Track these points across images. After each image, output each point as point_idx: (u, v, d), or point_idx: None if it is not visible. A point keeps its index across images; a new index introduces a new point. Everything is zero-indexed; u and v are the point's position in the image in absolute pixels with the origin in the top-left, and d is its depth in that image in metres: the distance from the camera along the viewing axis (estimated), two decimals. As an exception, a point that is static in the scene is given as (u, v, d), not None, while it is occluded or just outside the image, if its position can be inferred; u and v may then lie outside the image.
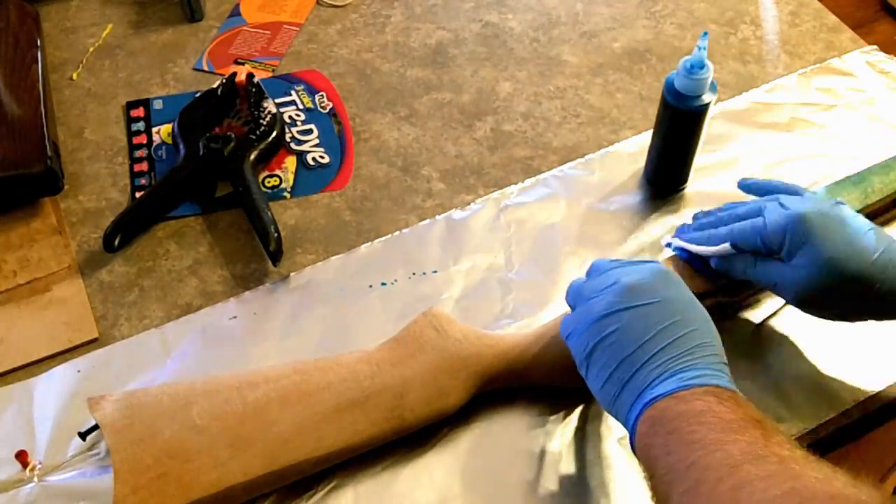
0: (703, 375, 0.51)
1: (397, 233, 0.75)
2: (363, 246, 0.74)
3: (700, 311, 0.55)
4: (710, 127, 0.82)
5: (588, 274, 0.61)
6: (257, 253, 0.74)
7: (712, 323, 0.54)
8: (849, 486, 0.43)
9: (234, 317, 0.69)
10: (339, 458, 0.60)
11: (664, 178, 0.77)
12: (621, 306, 0.54)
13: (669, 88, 0.70)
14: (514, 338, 0.63)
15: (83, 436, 0.61)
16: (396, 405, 0.60)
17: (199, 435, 0.58)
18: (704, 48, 0.66)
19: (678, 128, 0.72)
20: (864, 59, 0.88)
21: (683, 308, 0.54)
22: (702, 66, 0.67)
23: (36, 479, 0.61)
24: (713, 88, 0.69)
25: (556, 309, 0.69)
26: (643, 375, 0.52)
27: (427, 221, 0.75)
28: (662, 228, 0.74)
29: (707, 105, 0.69)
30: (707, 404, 0.49)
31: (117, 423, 0.59)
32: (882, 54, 0.88)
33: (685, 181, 0.77)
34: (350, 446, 0.59)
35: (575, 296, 0.59)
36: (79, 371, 0.66)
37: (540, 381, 0.63)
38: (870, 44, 0.90)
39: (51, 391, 0.65)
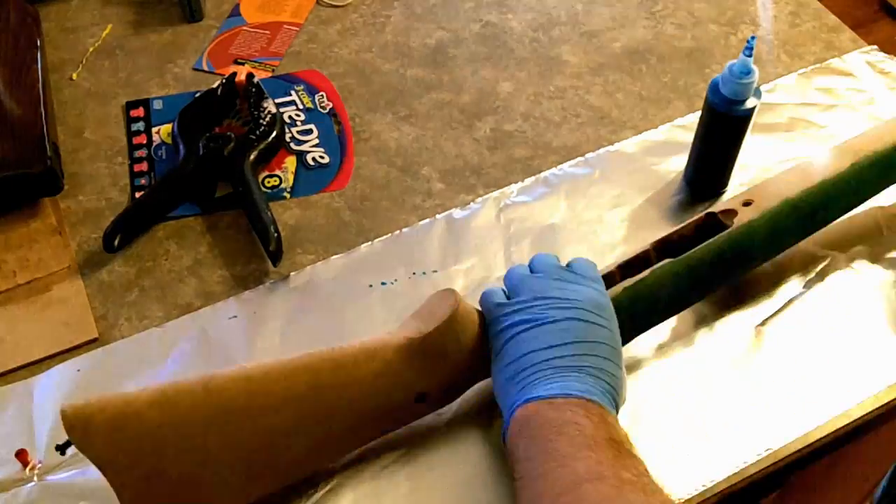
0: (587, 391, 0.53)
1: (397, 232, 0.75)
2: (363, 245, 0.74)
3: (613, 344, 0.57)
4: (710, 127, 0.82)
5: (534, 267, 0.61)
6: (257, 253, 0.74)
7: (622, 359, 0.57)
8: None
9: (234, 316, 0.69)
10: None
11: (705, 182, 0.77)
12: (547, 314, 0.57)
13: (715, 93, 0.69)
14: None
15: (61, 450, 0.59)
16: (405, 415, 0.60)
17: (213, 467, 0.54)
18: (751, 53, 0.66)
19: (722, 132, 0.72)
20: (863, 59, 0.88)
21: (603, 336, 0.56)
22: (748, 72, 0.67)
23: (36, 478, 0.61)
24: (758, 94, 0.69)
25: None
26: (534, 372, 0.54)
27: (427, 221, 0.75)
28: (659, 230, 0.74)
29: (752, 110, 0.69)
30: (574, 415, 0.51)
31: (118, 461, 0.52)
32: (882, 54, 0.88)
33: (726, 185, 0.77)
34: (355, 449, 0.60)
35: (517, 283, 0.60)
36: (79, 370, 0.66)
37: None
38: (870, 44, 0.91)
39: (51, 390, 0.65)
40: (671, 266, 0.63)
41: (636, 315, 0.62)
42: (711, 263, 0.64)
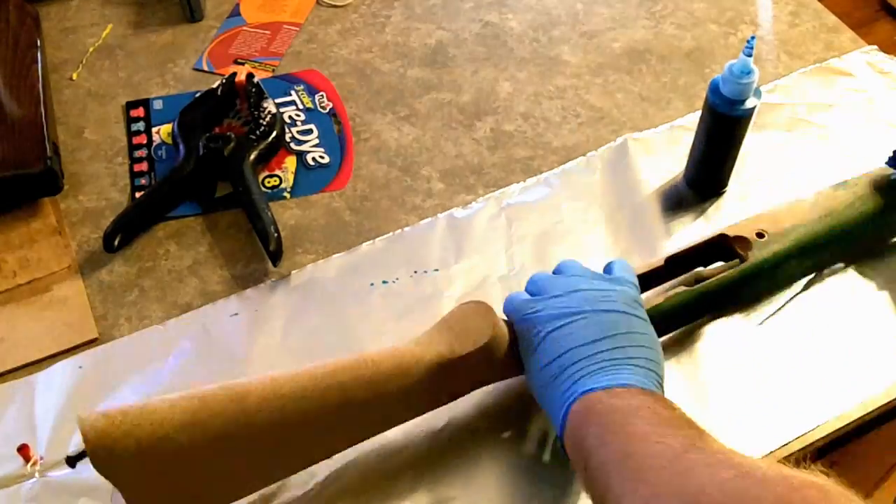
0: (642, 382, 0.52)
1: (399, 231, 0.75)
2: (364, 244, 0.74)
3: (653, 336, 0.57)
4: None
5: (561, 270, 0.61)
6: (257, 253, 0.74)
7: (661, 351, 0.57)
8: (796, 470, 0.43)
9: (236, 314, 0.69)
10: None
11: (705, 182, 0.77)
12: (584, 308, 0.56)
13: (715, 93, 0.70)
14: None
15: (72, 462, 0.53)
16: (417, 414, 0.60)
17: (235, 481, 0.55)
18: (751, 53, 0.66)
19: (722, 132, 0.72)
20: (863, 59, 0.88)
21: (639, 326, 0.56)
22: (748, 72, 0.67)
23: (37, 474, 0.61)
24: (758, 94, 0.69)
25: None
26: (581, 367, 0.53)
27: (428, 220, 0.75)
28: (660, 230, 0.74)
29: (752, 110, 0.69)
30: (642, 401, 0.50)
31: (140, 483, 0.51)
32: (882, 54, 0.88)
33: (726, 184, 0.77)
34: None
35: (541, 285, 0.59)
36: (80, 367, 0.66)
37: None
38: (870, 44, 0.90)
39: (52, 388, 0.65)
40: (686, 295, 0.65)
41: None
42: (723, 293, 0.66)
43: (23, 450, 0.61)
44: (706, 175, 0.76)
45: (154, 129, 0.83)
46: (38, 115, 0.77)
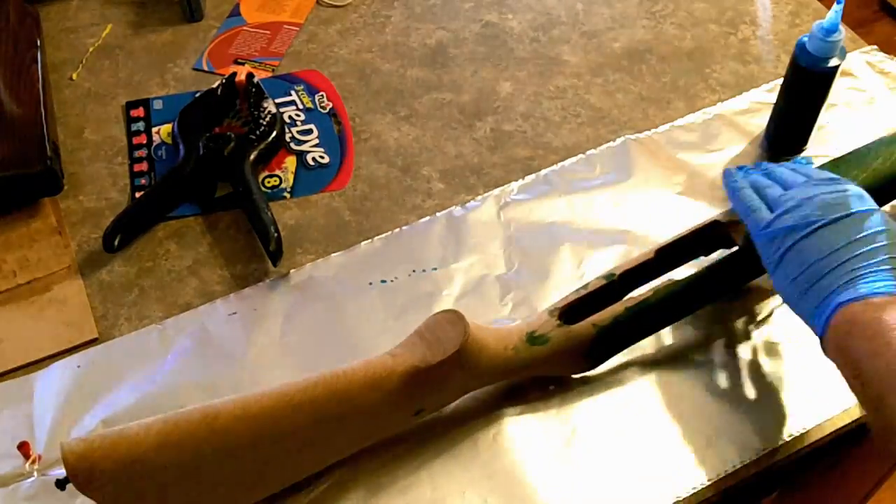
0: (890, 284, 0.53)
1: (397, 230, 0.75)
2: (363, 243, 0.74)
3: (888, 229, 0.56)
4: (710, 128, 0.82)
5: (776, 178, 0.62)
6: (257, 253, 0.74)
7: None
8: None
9: (234, 313, 0.70)
10: None
11: (785, 138, 0.79)
12: (820, 218, 0.56)
13: (802, 50, 0.72)
14: (526, 360, 0.61)
15: (61, 486, 0.54)
16: (400, 428, 0.61)
17: (212, 498, 0.56)
18: (840, 11, 0.69)
19: (806, 90, 0.75)
20: (864, 59, 0.88)
21: (875, 224, 0.56)
22: (836, 30, 0.70)
23: (36, 473, 0.61)
24: (842, 53, 0.72)
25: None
26: (832, 279, 0.54)
27: (427, 219, 0.75)
28: (659, 228, 0.74)
29: (836, 68, 0.72)
30: None
31: (121, 502, 0.53)
32: (882, 54, 0.88)
33: (806, 142, 0.79)
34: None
35: (771, 200, 0.60)
36: (78, 366, 0.66)
37: (537, 374, 0.64)
38: (870, 44, 0.90)
39: (51, 387, 0.65)
40: (675, 285, 0.64)
41: (636, 329, 0.64)
42: (715, 281, 0.65)
43: (23, 447, 0.61)
44: (787, 132, 0.80)
45: (154, 129, 0.83)
46: (38, 115, 0.77)
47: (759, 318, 0.68)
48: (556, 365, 0.63)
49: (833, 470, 0.81)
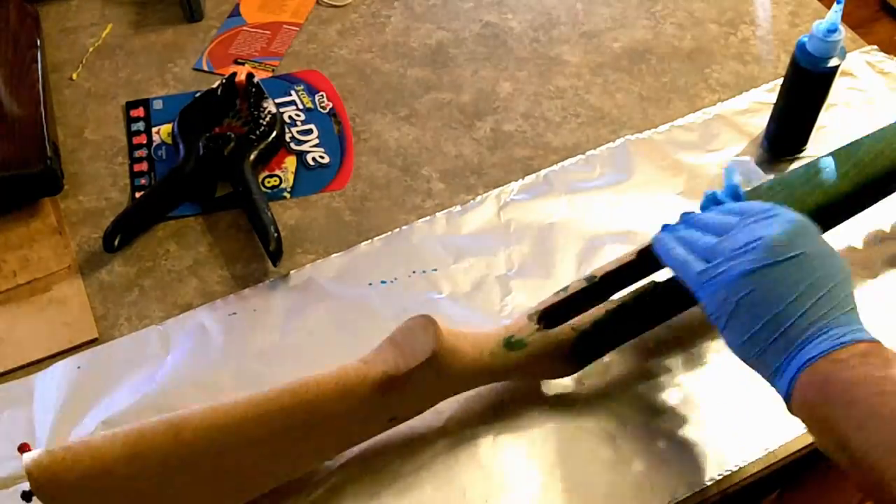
0: (850, 331, 0.51)
1: (397, 230, 0.75)
2: (363, 244, 0.74)
3: (836, 262, 0.53)
4: (710, 128, 0.82)
5: (705, 227, 0.58)
6: (257, 253, 0.74)
7: (849, 269, 0.53)
8: None
9: (234, 313, 0.70)
10: None
11: (786, 139, 0.79)
12: (767, 262, 0.52)
13: (802, 50, 0.72)
14: (507, 365, 0.60)
15: (26, 497, 0.53)
16: (374, 434, 0.60)
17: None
18: (840, 11, 0.69)
19: (806, 90, 0.75)
20: (864, 59, 0.88)
21: (823, 262, 0.53)
22: (835, 29, 0.70)
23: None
24: (842, 53, 0.72)
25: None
26: (791, 335, 0.51)
27: (427, 219, 0.75)
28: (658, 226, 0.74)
29: (836, 69, 0.72)
30: (872, 364, 0.49)
31: None
32: (882, 54, 0.88)
33: (805, 143, 0.79)
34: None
35: (706, 251, 0.56)
36: (79, 367, 0.66)
37: (520, 380, 0.64)
38: (870, 44, 0.90)
39: (51, 388, 0.65)
40: (654, 287, 0.62)
41: (617, 332, 0.63)
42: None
43: (23, 448, 0.61)
44: (788, 133, 0.79)
45: (154, 129, 0.83)
46: (38, 115, 0.77)
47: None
48: (537, 369, 0.62)
49: (833, 470, 0.81)
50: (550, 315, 0.62)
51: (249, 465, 0.56)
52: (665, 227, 0.62)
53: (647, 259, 0.63)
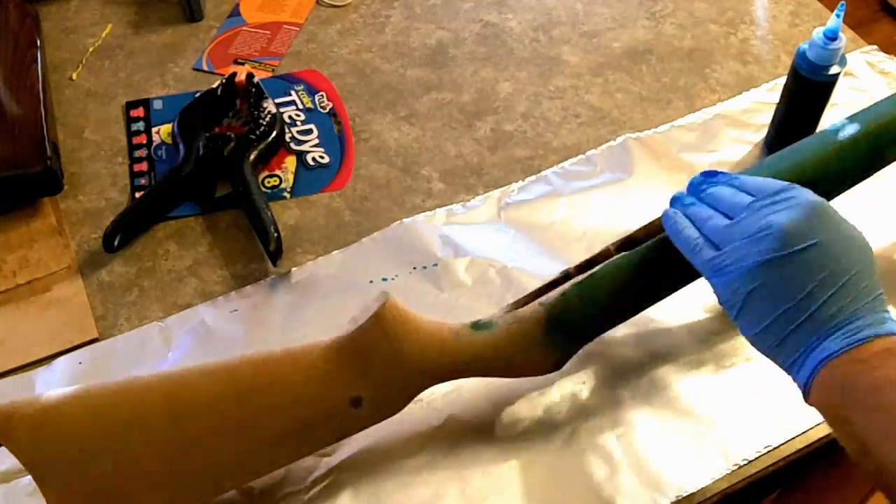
0: (871, 324, 0.48)
1: (397, 224, 0.75)
2: (364, 240, 0.74)
3: (858, 246, 0.50)
4: (710, 128, 0.82)
5: (716, 202, 0.55)
6: (257, 253, 0.74)
7: (871, 252, 0.50)
8: None
9: (235, 310, 0.70)
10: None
11: (786, 146, 0.78)
12: (779, 254, 0.49)
13: (802, 58, 0.72)
14: (473, 347, 0.58)
15: None
16: (343, 424, 0.57)
17: (137, 467, 0.54)
18: (841, 17, 0.69)
19: (807, 98, 0.75)
20: (864, 59, 0.88)
21: (842, 248, 0.49)
22: (836, 37, 0.70)
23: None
24: (843, 61, 0.72)
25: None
26: (808, 330, 0.49)
27: (428, 213, 0.76)
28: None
29: (836, 76, 0.72)
30: (894, 369, 0.46)
31: (40, 456, 0.53)
32: (882, 54, 0.88)
33: None
34: (294, 460, 0.58)
35: (716, 233, 0.54)
36: (80, 363, 0.66)
37: (494, 375, 0.60)
38: (870, 44, 0.90)
39: (52, 384, 0.65)
40: (629, 257, 0.59)
41: (591, 312, 0.59)
42: (674, 254, 0.58)
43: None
44: (788, 140, 0.77)
45: (154, 129, 0.83)
46: (38, 115, 0.77)
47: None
48: (513, 357, 0.59)
49: (833, 470, 0.81)
50: (522, 306, 0.61)
51: (209, 437, 0.55)
52: (674, 201, 0.59)
53: (624, 250, 0.61)
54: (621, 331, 0.67)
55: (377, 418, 0.58)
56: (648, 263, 0.59)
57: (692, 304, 0.69)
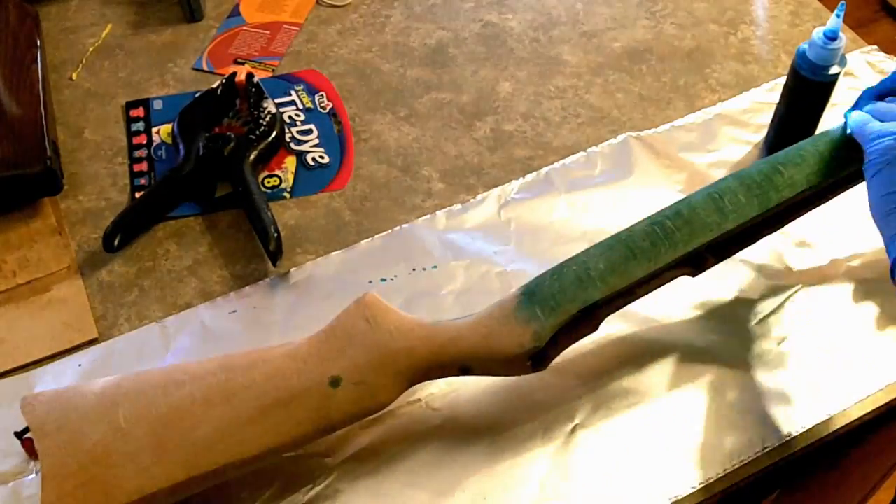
0: None
1: (397, 228, 0.75)
2: (363, 241, 0.74)
3: None
4: (710, 128, 0.82)
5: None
6: (257, 253, 0.74)
7: None
8: None
9: (234, 311, 0.70)
10: (265, 461, 0.57)
11: (786, 147, 0.79)
12: None
13: (802, 58, 0.72)
14: (450, 329, 0.59)
15: (19, 436, 0.59)
16: (323, 405, 0.57)
17: (124, 439, 0.56)
18: (841, 17, 0.69)
19: (807, 98, 0.75)
20: (864, 59, 0.88)
21: None
22: (836, 37, 0.70)
23: (36, 471, 0.61)
24: (843, 61, 0.72)
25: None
26: None
27: (427, 217, 0.75)
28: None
29: (837, 76, 0.72)
30: None
31: (47, 425, 0.56)
32: (882, 54, 0.88)
33: None
34: (273, 448, 0.57)
35: (884, 112, 0.60)
36: (79, 365, 0.66)
37: (479, 373, 0.60)
38: (870, 44, 0.90)
39: (51, 385, 0.65)
40: (605, 240, 0.61)
41: (564, 284, 0.60)
42: (650, 235, 0.61)
43: (26, 443, 0.61)
44: (788, 141, 0.77)
45: (154, 129, 0.83)
46: (38, 115, 0.77)
47: (760, 318, 0.68)
48: (491, 330, 0.58)
49: (833, 470, 0.81)
50: None
51: (188, 405, 0.57)
52: (855, 106, 0.64)
53: None
54: (616, 329, 0.67)
55: (360, 405, 0.58)
56: (629, 245, 0.61)
57: (690, 302, 0.69)
